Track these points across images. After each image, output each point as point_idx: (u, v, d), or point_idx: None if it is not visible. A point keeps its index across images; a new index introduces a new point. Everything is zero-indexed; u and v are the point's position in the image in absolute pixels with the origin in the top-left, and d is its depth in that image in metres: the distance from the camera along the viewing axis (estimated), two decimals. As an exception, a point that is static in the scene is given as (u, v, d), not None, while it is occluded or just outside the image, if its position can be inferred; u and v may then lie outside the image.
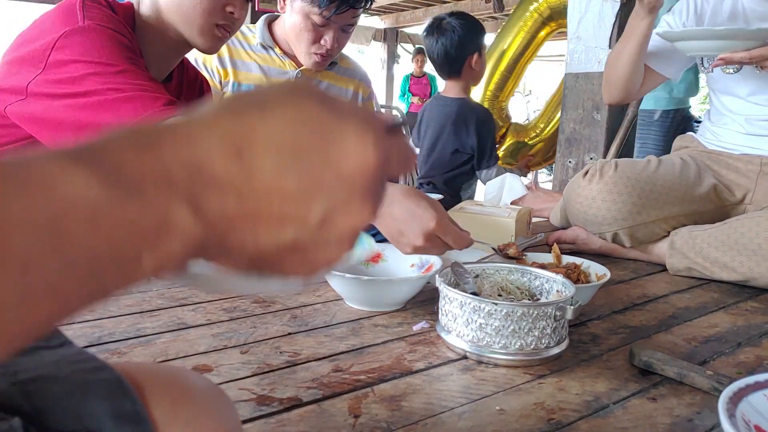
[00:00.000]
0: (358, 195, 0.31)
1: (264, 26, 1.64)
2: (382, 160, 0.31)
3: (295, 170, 0.29)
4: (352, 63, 1.82)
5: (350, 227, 0.31)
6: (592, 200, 1.44)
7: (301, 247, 0.31)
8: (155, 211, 0.25)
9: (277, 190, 0.29)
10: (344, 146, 0.30)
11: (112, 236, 0.24)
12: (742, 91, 1.54)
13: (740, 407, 0.61)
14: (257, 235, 0.29)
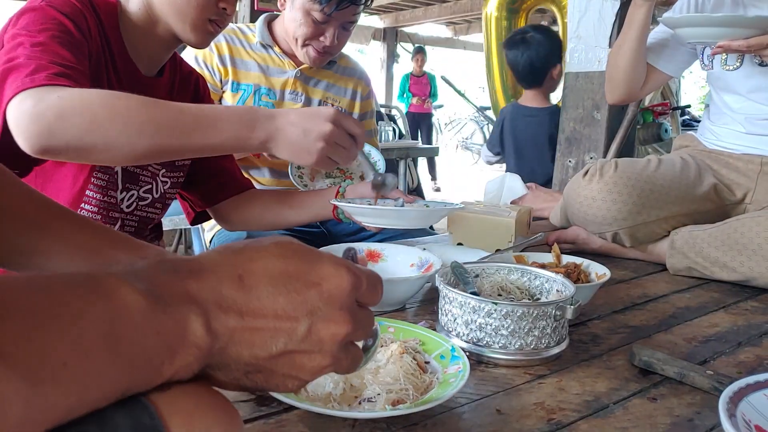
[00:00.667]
0: (337, 308, 0.39)
1: (263, 25, 1.64)
2: (354, 281, 0.40)
3: (284, 292, 0.37)
4: (351, 62, 1.81)
5: (331, 336, 0.39)
6: (592, 200, 1.44)
7: (290, 354, 0.38)
8: (178, 322, 0.33)
9: (271, 308, 0.37)
10: (323, 271, 0.39)
11: (148, 337, 0.32)
12: (742, 89, 1.54)
13: (740, 407, 0.61)
14: (253, 345, 0.37)
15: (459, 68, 14.87)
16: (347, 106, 1.74)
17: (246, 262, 0.37)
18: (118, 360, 0.31)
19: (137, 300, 0.32)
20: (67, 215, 0.70)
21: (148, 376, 0.33)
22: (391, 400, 0.67)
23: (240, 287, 0.36)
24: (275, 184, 1.65)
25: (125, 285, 0.32)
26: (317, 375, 0.40)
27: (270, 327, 0.37)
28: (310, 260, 0.39)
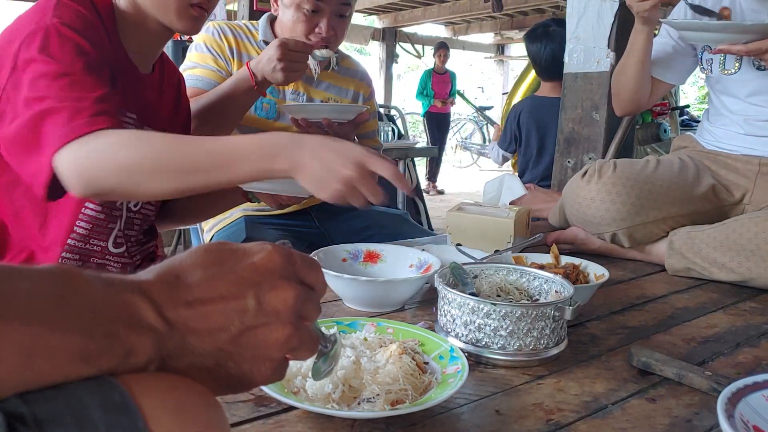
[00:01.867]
0: (277, 277, 0.41)
1: (266, 24, 1.64)
2: (284, 253, 0.42)
3: (221, 276, 0.40)
4: (353, 62, 1.81)
5: (283, 302, 0.40)
6: (590, 200, 1.44)
7: (251, 331, 0.39)
8: (131, 304, 0.36)
9: (215, 293, 0.39)
10: (249, 250, 0.42)
11: (104, 312, 0.35)
12: (741, 92, 1.54)
13: (739, 408, 0.61)
14: (211, 331, 0.38)
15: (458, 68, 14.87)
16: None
17: (178, 264, 0.40)
18: (71, 324, 0.33)
19: (90, 280, 0.35)
20: None
21: (106, 343, 0.34)
22: (390, 401, 0.67)
23: (178, 283, 0.39)
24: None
25: (80, 272, 0.35)
26: (284, 348, 0.41)
27: (220, 310, 0.39)
28: (235, 246, 0.42)
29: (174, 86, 1.27)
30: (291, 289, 0.41)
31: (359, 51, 13.14)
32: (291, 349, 0.42)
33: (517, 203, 2.00)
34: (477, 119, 10.05)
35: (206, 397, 0.39)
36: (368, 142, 1.83)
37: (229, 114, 1.40)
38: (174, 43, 3.66)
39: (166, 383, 0.37)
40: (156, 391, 0.35)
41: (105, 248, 1.11)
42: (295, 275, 0.43)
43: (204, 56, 1.57)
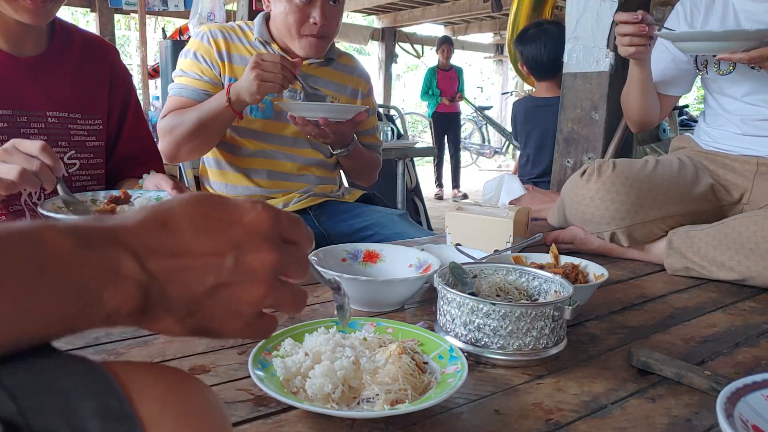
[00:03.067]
0: (261, 240, 0.42)
1: (262, 22, 1.64)
2: (273, 214, 0.43)
3: (207, 230, 0.40)
4: (352, 59, 1.81)
5: (261, 264, 0.41)
6: (590, 200, 1.44)
7: (225, 287, 0.40)
8: (110, 259, 0.36)
9: (197, 247, 0.39)
10: (241, 209, 0.42)
11: (78, 274, 0.34)
12: (737, 92, 1.55)
13: (738, 407, 0.61)
14: (189, 283, 0.39)
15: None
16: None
17: (167, 210, 0.40)
18: (50, 290, 0.33)
19: (64, 241, 0.35)
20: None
21: (88, 306, 0.35)
22: (389, 400, 0.67)
23: (165, 231, 0.39)
24: (272, 186, 1.65)
25: (53, 230, 0.35)
26: (257, 306, 0.42)
27: (200, 264, 0.39)
28: (227, 202, 0.43)
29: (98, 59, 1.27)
30: (271, 252, 0.42)
31: (358, 51, 13.14)
32: (269, 306, 0.43)
33: (516, 203, 2.00)
34: (476, 119, 10.04)
35: (209, 399, 0.38)
36: (367, 139, 1.83)
37: (208, 131, 1.50)
38: (173, 43, 3.66)
39: (166, 385, 0.36)
40: (156, 396, 0.35)
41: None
42: (281, 236, 0.44)
43: (191, 64, 1.59)
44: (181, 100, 1.57)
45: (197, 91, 1.57)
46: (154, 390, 0.35)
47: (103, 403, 0.32)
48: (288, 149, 1.64)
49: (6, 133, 1.10)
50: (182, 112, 1.52)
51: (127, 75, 1.35)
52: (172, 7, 5.12)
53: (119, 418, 0.33)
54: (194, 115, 1.49)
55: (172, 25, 6.90)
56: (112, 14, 5.82)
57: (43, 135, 1.16)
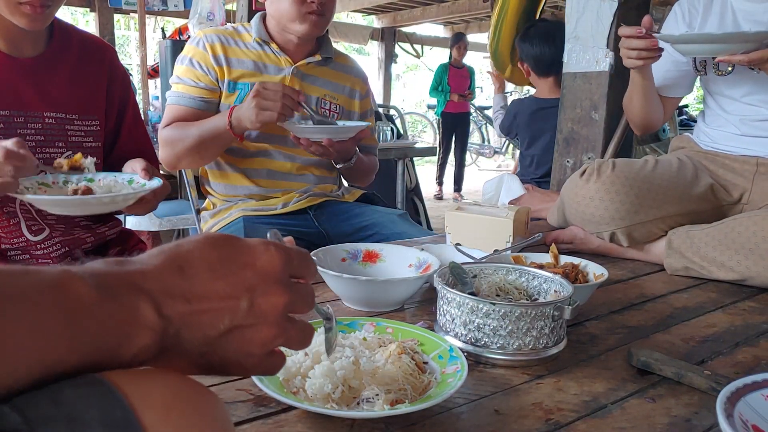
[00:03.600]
0: (273, 282, 0.43)
1: (260, 22, 1.65)
2: (284, 256, 0.44)
3: (223, 275, 0.41)
4: (349, 60, 1.81)
5: (272, 307, 0.42)
6: (589, 200, 1.44)
7: (239, 329, 0.41)
8: (129, 308, 0.37)
9: (213, 291, 0.40)
10: (254, 251, 0.43)
11: (101, 325, 0.36)
12: (736, 93, 1.54)
13: (738, 407, 0.61)
14: (203, 326, 0.40)
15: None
16: (345, 104, 1.74)
17: (184, 254, 0.41)
18: (74, 339, 0.34)
19: (88, 291, 0.36)
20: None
21: (106, 356, 0.36)
22: (389, 400, 0.67)
23: (182, 276, 0.40)
24: (272, 185, 1.65)
25: (77, 279, 0.36)
26: (268, 347, 0.43)
27: (215, 308, 0.40)
28: (241, 245, 0.44)
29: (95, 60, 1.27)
30: (282, 295, 0.43)
31: (358, 51, 13.13)
32: (279, 345, 0.44)
33: (516, 203, 2.00)
34: (476, 119, 10.03)
35: (214, 406, 0.38)
36: (365, 140, 1.83)
37: (208, 149, 1.55)
38: (173, 43, 3.66)
39: (171, 394, 0.36)
40: (159, 404, 0.35)
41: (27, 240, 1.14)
42: (290, 277, 0.45)
43: (186, 70, 1.59)
44: (179, 108, 1.58)
45: (194, 99, 1.58)
46: (157, 398, 0.35)
47: (107, 413, 0.32)
48: (287, 149, 1.65)
49: (3, 133, 1.10)
50: (184, 125, 1.54)
51: (125, 76, 1.35)
52: (172, 7, 5.12)
53: (123, 427, 0.33)
54: (195, 132, 1.51)
55: (172, 25, 6.90)
56: (112, 14, 5.82)
57: (40, 135, 1.16)
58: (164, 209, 2.69)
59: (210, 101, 1.58)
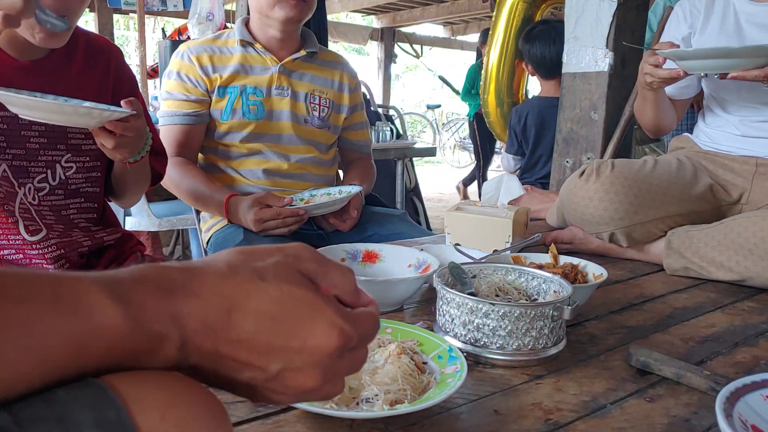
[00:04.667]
0: (311, 365, 0.39)
1: (242, 24, 1.66)
2: (341, 345, 0.39)
3: (267, 336, 0.37)
4: (335, 55, 1.82)
5: (297, 387, 0.39)
6: (588, 200, 1.44)
7: (254, 386, 0.39)
8: (153, 342, 0.35)
9: (247, 345, 0.37)
10: (315, 326, 0.38)
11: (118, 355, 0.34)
12: (736, 92, 1.54)
13: (737, 407, 0.61)
14: (221, 368, 0.38)
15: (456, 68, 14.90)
16: (335, 98, 1.74)
17: (240, 295, 0.38)
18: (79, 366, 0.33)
19: (114, 322, 0.33)
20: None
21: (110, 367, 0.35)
22: (389, 401, 0.67)
23: (226, 320, 0.37)
24: (270, 184, 1.65)
25: (105, 303, 0.33)
26: (276, 404, 0.43)
27: (242, 359, 0.38)
28: (306, 313, 0.39)
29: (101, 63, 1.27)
30: (313, 381, 0.39)
31: (358, 51, 13.15)
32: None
33: (515, 203, 2.01)
34: (475, 119, 10.04)
35: (212, 409, 0.37)
36: (356, 135, 1.83)
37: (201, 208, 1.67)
38: (172, 43, 3.66)
39: (166, 394, 0.35)
40: (155, 406, 0.34)
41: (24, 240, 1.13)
42: (340, 360, 0.41)
43: (175, 84, 1.60)
44: (174, 129, 1.59)
45: (186, 116, 1.59)
46: (153, 399, 0.34)
47: (100, 414, 0.32)
48: (280, 148, 1.65)
49: (5, 134, 1.10)
50: (184, 176, 1.58)
51: (132, 76, 1.35)
52: (171, 7, 5.12)
53: (117, 428, 0.32)
54: (191, 198, 1.60)
55: (171, 25, 6.90)
56: (111, 14, 5.81)
57: (44, 138, 1.16)
58: (164, 209, 2.69)
59: (202, 114, 1.60)
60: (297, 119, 1.65)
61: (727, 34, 1.51)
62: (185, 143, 1.60)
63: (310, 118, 1.68)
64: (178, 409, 0.35)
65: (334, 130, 1.75)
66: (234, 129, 1.60)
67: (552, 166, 2.29)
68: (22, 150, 1.13)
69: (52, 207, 1.19)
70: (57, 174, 1.19)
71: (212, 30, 3.65)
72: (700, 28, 1.57)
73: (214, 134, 1.62)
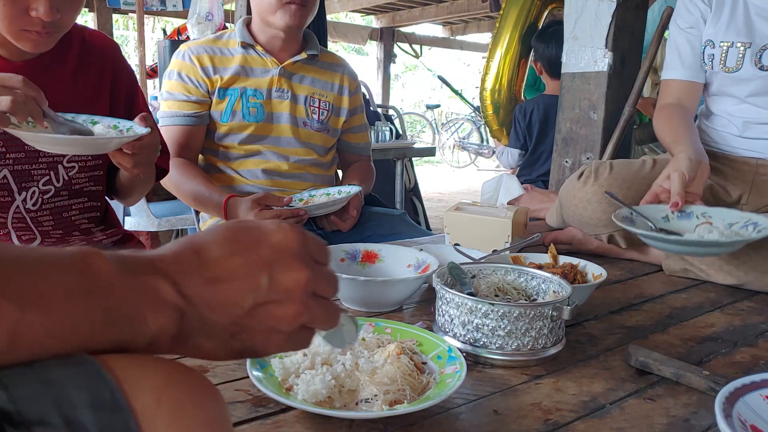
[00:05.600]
0: (292, 258, 0.43)
1: (243, 26, 1.65)
2: (299, 233, 0.44)
3: (238, 253, 0.41)
4: (336, 57, 1.81)
5: (294, 282, 0.42)
6: (587, 202, 1.43)
7: (263, 306, 0.41)
8: (150, 285, 0.38)
9: (230, 270, 0.41)
10: (267, 229, 0.43)
11: (123, 298, 0.37)
12: (741, 92, 1.50)
13: (736, 407, 0.61)
14: (226, 306, 0.40)
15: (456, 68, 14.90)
16: (335, 101, 1.74)
17: (198, 240, 0.42)
18: (97, 310, 0.36)
19: (109, 267, 0.37)
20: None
21: (132, 329, 0.37)
22: (388, 401, 0.67)
23: (199, 259, 0.41)
24: (269, 184, 1.65)
25: (98, 255, 0.37)
26: (295, 323, 0.43)
27: (235, 287, 0.41)
28: (253, 225, 0.44)
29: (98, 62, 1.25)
30: (303, 270, 0.43)
31: (357, 51, 13.14)
32: (305, 323, 0.44)
33: (514, 203, 2.01)
34: (475, 119, 10.04)
35: (208, 393, 0.38)
36: (355, 138, 1.83)
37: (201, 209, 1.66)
38: (172, 43, 3.66)
39: (162, 378, 0.36)
40: (151, 388, 0.35)
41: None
42: (309, 256, 0.44)
43: (176, 85, 1.60)
44: (174, 130, 1.59)
45: (187, 117, 1.58)
46: (149, 382, 0.35)
47: (95, 394, 0.32)
48: (279, 149, 1.65)
49: (3, 139, 1.10)
50: (184, 177, 1.57)
51: (131, 72, 1.34)
52: (171, 7, 5.11)
53: (112, 409, 0.32)
54: (191, 199, 1.60)
55: (171, 25, 6.90)
56: (110, 14, 5.81)
57: None
58: (163, 209, 2.68)
59: (202, 115, 1.59)
60: (296, 122, 1.65)
61: (736, 27, 1.48)
62: (186, 144, 1.59)
63: (310, 121, 1.68)
64: (174, 392, 0.35)
65: (333, 133, 1.75)
66: (233, 131, 1.60)
67: (551, 166, 2.29)
68: (21, 153, 1.12)
69: (53, 210, 1.19)
70: (60, 175, 1.18)
71: (211, 30, 3.65)
72: (710, 19, 1.53)
73: (214, 136, 1.62)
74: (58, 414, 0.31)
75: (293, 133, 1.64)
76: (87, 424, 0.31)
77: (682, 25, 1.58)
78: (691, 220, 1.28)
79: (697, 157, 1.32)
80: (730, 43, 1.47)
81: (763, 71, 1.44)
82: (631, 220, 1.26)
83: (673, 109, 1.55)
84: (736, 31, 1.47)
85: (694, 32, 1.56)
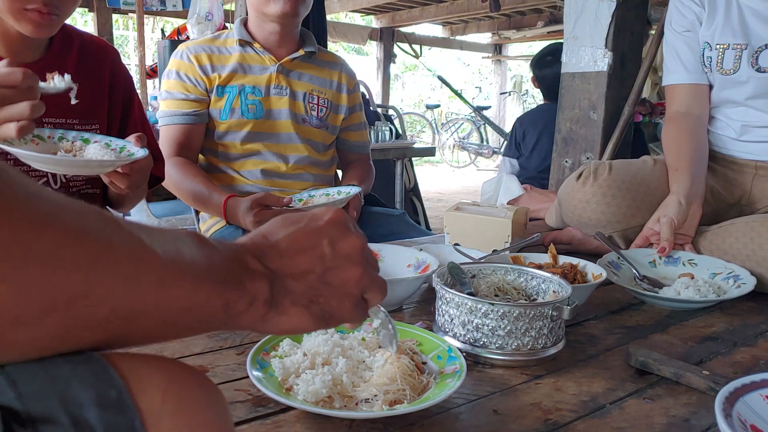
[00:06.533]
0: (344, 229, 0.52)
1: (240, 25, 1.66)
2: (342, 212, 0.53)
3: (300, 232, 0.50)
4: (334, 56, 1.82)
5: (351, 247, 0.51)
6: (586, 203, 1.43)
7: (332, 271, 0.50)
8: (241, 260, 0.45)
9: (297, 246, 0.49)
10: (318, 212, 0.53)
11: (227, 268, 0.43)
12: (740, 95, 1.49)
13: (736, 407, 0.61)
14: (302, 273, 0.48)
15: (455, 68, 14.91)
16: (333, 98, 1.74)
17: (264, 230, 0.50)
18: (217, 277, 0.41)
19: (213, 244, 0.44)
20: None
21: (238, 291, 0.43)
22: (388, 401, 0.67)
23: (268, 240, 0.49)
24: (268, 184, 1.65)
25: (199, 236, 0.44)
26: (359, 285, 0.51)
27: (306, 257, 0.49)
28: (303, 213, 0.53)
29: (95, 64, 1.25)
30: (357, 237, 0.52)
31: (357, 51, 13.14)
32: (365, 288, 0.52)
33: (514, 203, 2.01)
34: (474, 119, 10.04)
35: (211, 393, 0.38)
36: (354, 136, 1.83)
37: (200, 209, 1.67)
38: (171, 43, 3.66)
39: (167, 377, 0.36)
40: (156, 388, 0.35)
41: None
42: (355, 228, 0.54)
43: (175, 84, 1.60)
44: (173, 129, 1.59)
45: (186, 116, 1.58)
46: (154, 381, 0.35)
47: (101, 393, 0.33)
48: (279, 148, 1.65)
49: None
50: (184, 176, 1.57)
51: (129, 78, 1.34)
52: (170, 7, 5.11)
53: (118, 408, 0.33)
54: (191, 199, 1.60)
55: (171, 25, 6.90)
56: (110, 14, 5.81)
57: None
58: (163, 209, 2.68)
59: (201, 113, 1.59)
60: (296, 118, 1.65)
61: (731, 29, 1.47)
62: (185, 143, 1.59)
63: (309, 118, 1.68)
64: (178, 392, 0.36)
65: (332, 130, 1.75)
66: (233, 128, 1.60)
67: (551, 166, 2.29)
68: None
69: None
70: (58, 178, 1.18)
71: (211, 30, 3.64)
72: (705, 21, 1.52)
73: (214, 134, 1.62)
74: (65, 412, 0.31)
75: (294, 128, 1.64)
76: (93, 423, 0.32)
77: (677, 28, 1.57)
78: (677, 267, 1.33)
79: (688, 200, 1.37)
80: (726, 45, 1.47)
81: (760, 73, 1.43)
82: (618, 265, 1.30)
83: (683, 122, 1.54)
84: (731, 33, 1.46)
85: (691, 35, 1.55)
